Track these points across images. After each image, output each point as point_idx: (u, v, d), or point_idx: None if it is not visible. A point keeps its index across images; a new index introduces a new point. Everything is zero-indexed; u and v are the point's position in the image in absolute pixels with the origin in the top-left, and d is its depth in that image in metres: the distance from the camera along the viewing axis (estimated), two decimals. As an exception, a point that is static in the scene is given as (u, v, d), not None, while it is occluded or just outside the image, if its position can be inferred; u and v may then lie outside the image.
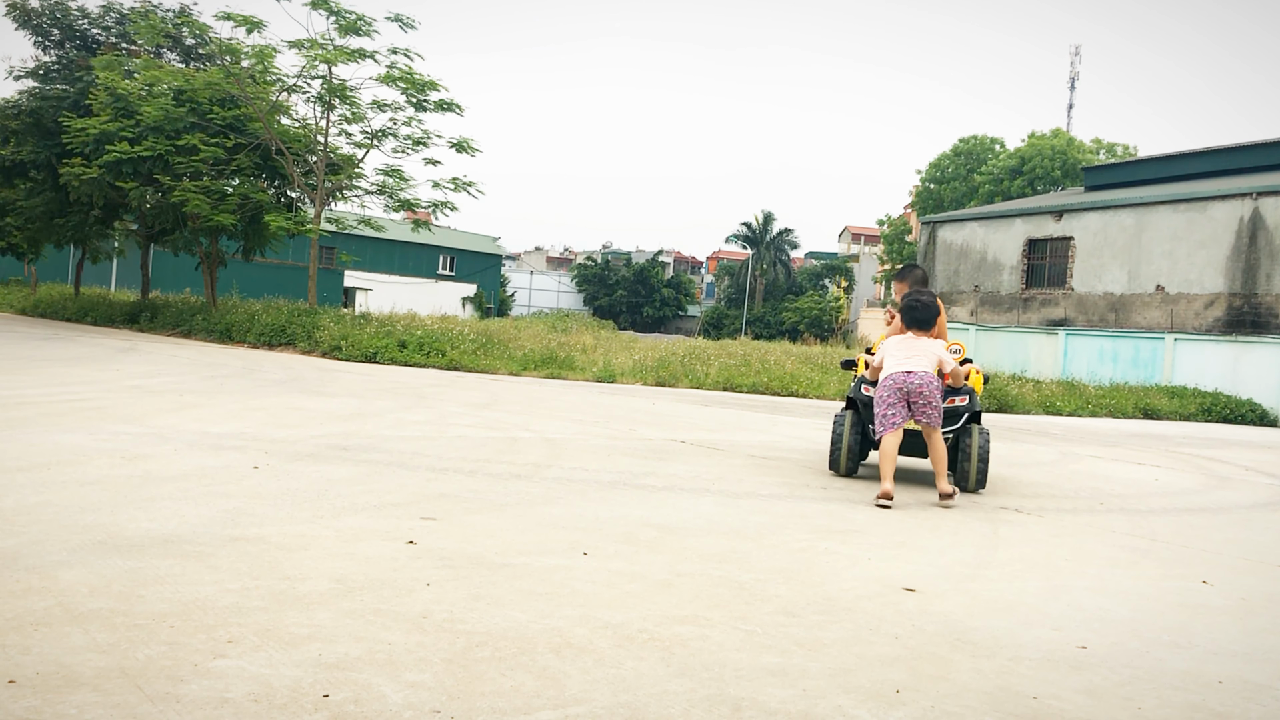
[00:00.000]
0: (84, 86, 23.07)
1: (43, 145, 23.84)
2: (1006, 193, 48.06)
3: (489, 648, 2.92)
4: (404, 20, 21.08)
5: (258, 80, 21.56)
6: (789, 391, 17.94)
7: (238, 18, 20.61)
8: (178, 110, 20.85)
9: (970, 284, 31.76)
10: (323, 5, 20.53)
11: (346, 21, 20.76)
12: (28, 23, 24.50)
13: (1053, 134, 50.39)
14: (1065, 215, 29.16)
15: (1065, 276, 29.07)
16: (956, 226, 32.75)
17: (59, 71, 24.84)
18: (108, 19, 25.10)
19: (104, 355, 14.40)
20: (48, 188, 24.73)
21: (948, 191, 52.62)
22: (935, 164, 54.11)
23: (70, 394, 8.81)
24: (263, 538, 4.02)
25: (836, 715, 2.61)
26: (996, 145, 53.14)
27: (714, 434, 9.68)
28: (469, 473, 6.13)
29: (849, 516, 5.64)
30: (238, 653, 2.71)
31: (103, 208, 23.97)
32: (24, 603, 3.00)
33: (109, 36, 25.11)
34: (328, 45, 20.99)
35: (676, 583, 3.83)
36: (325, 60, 20.84)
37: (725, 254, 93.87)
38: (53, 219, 25.66)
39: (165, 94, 21.35)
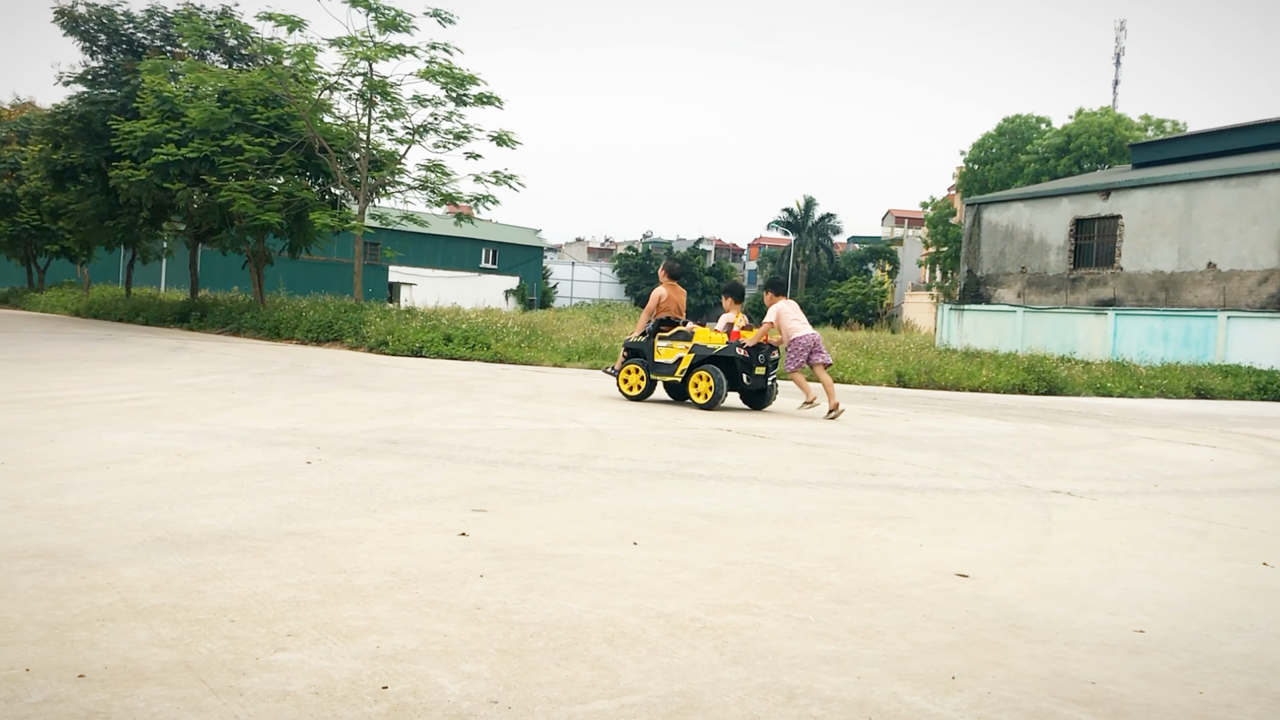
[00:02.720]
0: (131, 90, 23.42)
1: (92, 149, 24.25)
2: (1052, 172, 47.40)
3: (543, 638, 2.94)
4: (443, 15, 21.17)
5: (300, 79, 21.76)
6: (834, 378, 17.84)
7: (279, 17, 20.81)
8: (222, 111, 21.09)
9: (1016, 265, 31.38)
10: (362, 2, 20.67)
11: (386, 18, 20.89)
12: (76, 29, 24.89)
13: (1101, 111, 49.60)
14: (1113, 194, 28.71)
15: (1113, 256, 28.64)
16: (1001, 207, 32.36)
17: (106, 76, 25.23)
18: (152, 23, 25.44)
19: (155, 354, 14.64)
20: (98, 191, 25.14)
21: (992, 172, 51.99)
22: (979, 144, 53.47)
23: (124, 393, 8.97)
24: (317, 532, 4.08)
25: (892, 702, 2.60)
26: (1042, 124, 52.41)
27: (759, 422, 9.66)
28: (517, 464, 6.17)
29: (899, 503, 5.61)
30: (297, 646, 2.76)
31: (151, 209, 24.34)
32: (89, 599, 3.07)
33: (154, 40, 25.46)
34: (368, 42, 21.14)
35: (727, 571, 3.83)
36: (366, 57, 20.99)
37: (767, 240, 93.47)
38: (103, 221, 26.09)
39: (210, 95, 21.61)
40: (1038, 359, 21.16)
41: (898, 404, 13.25)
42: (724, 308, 11.68)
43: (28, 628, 2.78)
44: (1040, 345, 27.78)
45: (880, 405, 12.80)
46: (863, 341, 23.85)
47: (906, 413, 11.83)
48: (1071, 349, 27.64)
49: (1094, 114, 49.34)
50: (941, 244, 55.58)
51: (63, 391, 8.86)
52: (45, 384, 9.46)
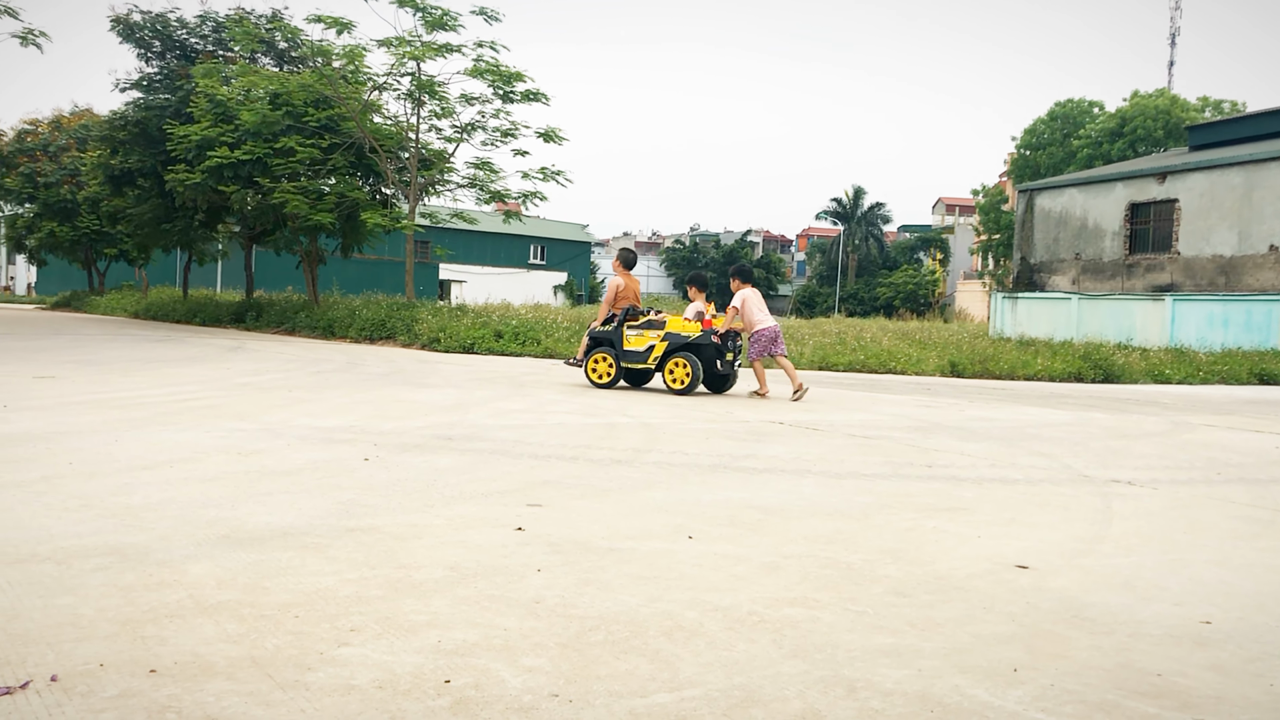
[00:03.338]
0: (185, 95, 23.82)
1: (149, 154, 24.71)
2: (1106, 156, 46.60)
3: (601, 632, 2.96)
4: (489, 13, 21.28)
5: (349, 80, 22.00)
6: (887, 369, 17.71)
7: (328, 19, 21.04)
8: (274, 114, 21.39)
9: (1070, 252, 30.92)
10: (409, 3, 20.84)
11: (433, 17, 21.04)
12: (131, 36, 25.36)
13: (1156, 93, 48.65)
14: (1169, 177, 28.17)
15: (1170, 240, 28.11)
16: (1054, 193, 31.88)
17: (161, 81, 25.67)
18: (204, 28, 25.85)
19: (214, 355, 14.90)
20: (155, 194, 25.63)
21: (1044, 158, 51.22)
22: (1030, 130, 52.71)
23: (185, 393, 9.14)
24: (377, 528, 4.13)
25: (954, 695, 2.58)
26: (1095, 108, 51.53)
27: (812, 414, 9.61)
28: (570, 459, 6.20)
29: (955, 494, 5.56)
30: (360, 641, 2.80)
31: (206, 211, 24.76)
32: (158, 596, 3.13)
33: (206, 45, 25.87)
34: (415, 42, 21.31)
35: (783, 565, 3.83)
36: (413, 57, 21.16)
37: (815, 231, 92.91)
38: (160, 224, 26.58)
39: (261, 98, 21.92)
40: (1094, 346, 20.85)
41: (952, 394, 13.12)
42: (690, 297, 12.21)
43: (100, 624, 2.85)
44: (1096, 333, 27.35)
45: (934, 396, 12.68)
46: (915, 331, 23.64)
47: (961, 403, 11.72)
48: (1128, 336, 27.18)
49: (1149, 96, 48.41)
50: (994, 231, 54.90)
51: (126, 392, 9.04)
52: (109, 385, 9.66)
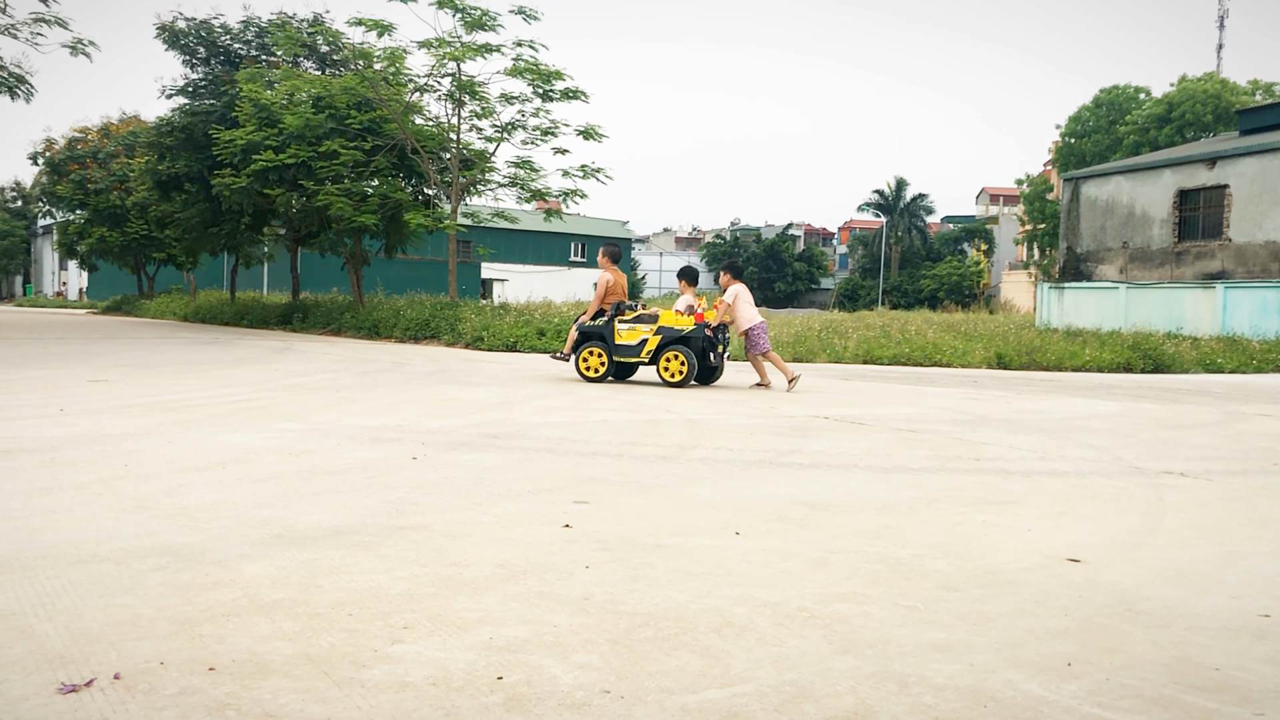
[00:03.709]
0: (229, 100, 24.14)
1: (195, 159, 25.07)
2: (1154, 143, 45.88)
3: (651, 628, 2.97)
4: (527, 12, 21.35)
5: (391, 82, 22.17)
6: (932, 362, 17.58)
7: (368, 22, 21.22)
8: (317, 117, 21.62)
9: (1118, 240, 30.49)
10: (449, 4, 20.96)
11: (472, 18, 21.16)
12: (176, 43, 25.74)
13: (1204, 77, 47.80)
14: (1219, 162, 27.69)
15: (1221, 227, 27.63)
16: (1100, 181, 31.44)
17: (206, 87, 26.04)
18: (248, 33, 26.18)
19: (262, 356, 15.09)
20: (201, 199, 26.00)
21: (1089, 145, 50.54)
22: (1075, 118, 52.03)
23: (235, 394, 9.27)
24: (426, 526, 4.17)
25: (1007, 690, 2.57)
26: (1141, 94, 50.75)
27: (857, 408, 9.57)
28: (615, 456, 6.22)
29: (1005, 488, 5.52)
30: (413, 638, 2.83)
31: (252, 215, 25.09)
32: (214, 595, 3.19)
33: (250, 50, 26.19)
34: (455, 43, 21.44)
35: (831, 560, 3.82)
36: (453, 58, 21.29)
37: (857, 223, 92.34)
38: (207, 228, 26.97)
39: (305, 102, 22.17)
40: (1143, 336, 20.57)
41: (999, 386, 13.00)
42: (679, 290, 12.45)
43: (159, 623, 2.90)
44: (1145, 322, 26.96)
45: (980, 388, 12.57)
46: (960, 323, 23.43)
47: (1008, 395, 11.60)
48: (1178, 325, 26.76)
49: (1197, 81, 47.59)
50: (1039, 221, 54.28)
51: (178, 394, 9.19)
52: (161, 388, 9.82)
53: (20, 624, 2.86)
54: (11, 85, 21.96)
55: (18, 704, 2.33)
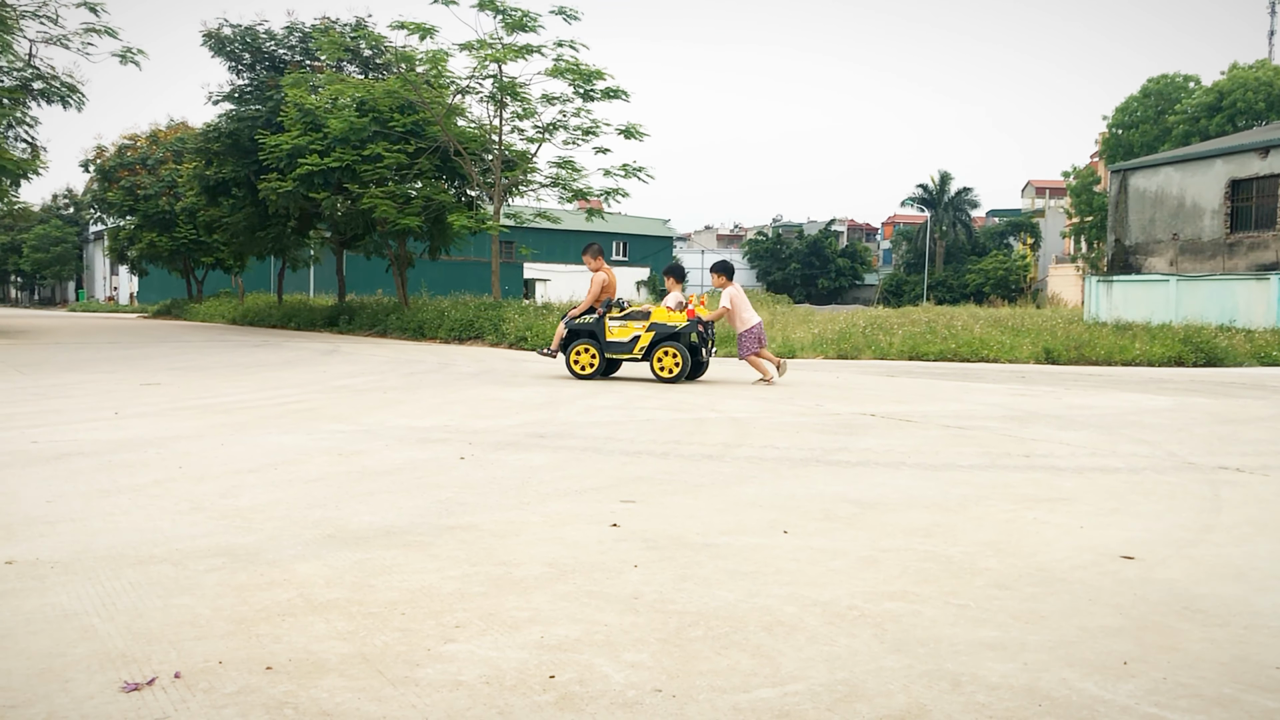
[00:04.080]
0: (275, 105, 24.45)
1: (242, 164, 25.43)
2: (1204, 133, 45.08)
3: (701, 627, 2.97)
4: (568, 12, 21.42)
5: (433, 85, 22.33)
6: (979, 357, 17.41)
7: (410, 25, 21.38)
8: (361, 120, 21.82)
9: (1167, 232, 30.01)
10: (490, 6, 21.07)
11: (513, 19, 21.25)
12: (222, 49, 26.10)
13: (1256, 65, 46.88)
14: (1272, 151, 27.17)
15: (1275, 217, 27.11)
16: (1149, 173, 30.97)
17: (252, 93, 26.39)
18: (292, 38, 26.49)
19: (310, 358, 15.27)
20: (248, 203, 26.36)
21: (1137, 136, 49.76)
22: (1122, 108, 51.25)
23: (284, 396, 9.39)
24: (476, 525, 4.21)
25: (1062, 689, 2.54)
26: (1190, 83, 49.87)
27: (904, 405, 9.50)
28: (661, 455, 6.22)
29: (1055, 484, 5.46)
30: (465, 637, 2.86)
31: (298, 218, 25.40)
32: (269, 595, 3.23)
33: (294, 55, 26.51)
34: (496, 44, 21.55)
35: (881, 559, 3.80)
36: (495, 59, 21.40)
37: (901, 218, 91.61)
38: (254, 232, 27.34)
39: (348, 106, 22.39)
40: (1194, 329, 20.22)
41: (1047, 381, 12.85)
42: (667, 287, 12.37)
43: (216, 623, 2.95)
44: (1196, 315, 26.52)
45: (1029, 384, 12.44)
46: (1007, 318, 23.18)
47: (1057, 390, 11.47)
48: (1231, 317, 26.30)
49: (1248, 69, 46.69)
50: (1086, 214, 53.52)
51: (228, 397, 9.32)
52: (213, 390, 9.97)
53: (83, 624, 2.93)
54: (64, 95, 22.38)
55: (83, 702, 2.39)
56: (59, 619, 2.97)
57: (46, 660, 2.64)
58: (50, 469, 5.39)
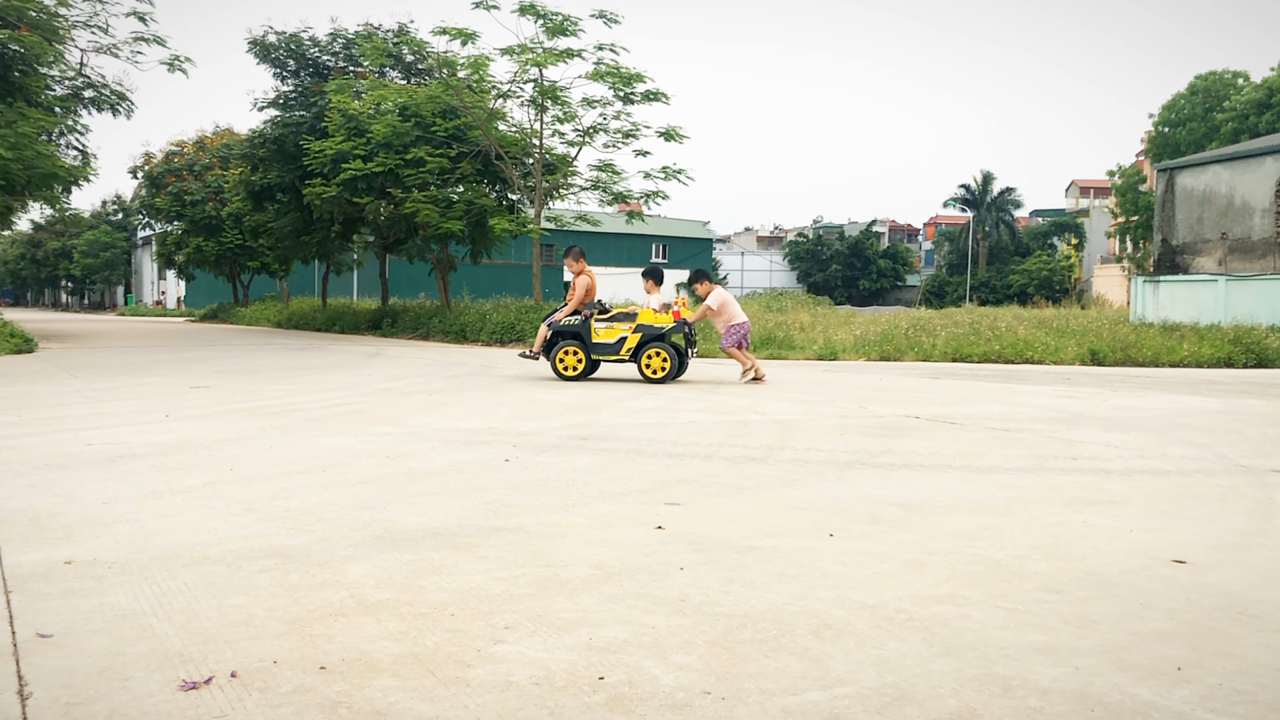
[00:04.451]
0: (319, 111, 24.72)
1: (287, 169, 25.73)
2: (1253, 130, 44.33)
3: (748, 630, 2.98)
4: (608, 16, 21.45)
5: (474, 89, 22.46)
6: (1023, 359, 17.25)
7: (452, 31, 21.52)
8: (403, 125, 22.00)
9: (1215, 232, 29.54)
10: (531, 10, 21.16)
11: (554, 24, 21.33)
12: (267, 56, 26.43)
13: (1306, 60, 46.01)
14: (1324, 148, 26.68)
15: (1328, 215, 26.60)
16: (1197, 171, 30.51)
17: (296, 99, 26.69)
18: (335, 45, 26.76)
19: (355, 361, 15.42)
20: (293, 208, 26.66)
21: (1184, 134, 49.04)
22: (1169, 106, 50.52)
23: (331, 399, 9.50)
24: (522, 527, 4.24)
25: (1115, 694, 2.52)
26: (1239, 79, 49.06)
27: (949, 407, 9.44)
28: (704, 457, 6.23)
29: (1104, 487, 5.40)
30: (515, 638, 2.88)
31: (342, 223, 25.65)
32: (321, 595, 3.28)
33: (337, 61, 26.78)
34: (537, 49, 21.63)
35: (928, 562, 3.78)
36: (536, 64, 21.49)
37: (943, 219, 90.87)
38: (299, 237, 27.64)
39: (391, 111, 22.57)
40: (1244, 330, 19.89)
41: (1093, 383, 12.70)
42: (645, 290, 12.55)
43: (270, 623, 3.00)
44: (1246, 315, 26.09)
45: (1075, 385, 12.30)
46: (1051, 319, 22.93)
47: (1104, 392, 11.34)
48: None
49: (1299, 64, 45.82)
50: (1131, 213, 52.83)
51: (276, 399, 9.44)
52: (261, 393, 10.10)
53: (142, 623, 2.98)
54: (114, 103, 22.74)
55: (143, 699, 2.44)
56: (118, 618, 3.03)
57: (107, 658, 2.70)
58: (105, 471, 5.49)
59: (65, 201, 26.98)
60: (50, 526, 4.18)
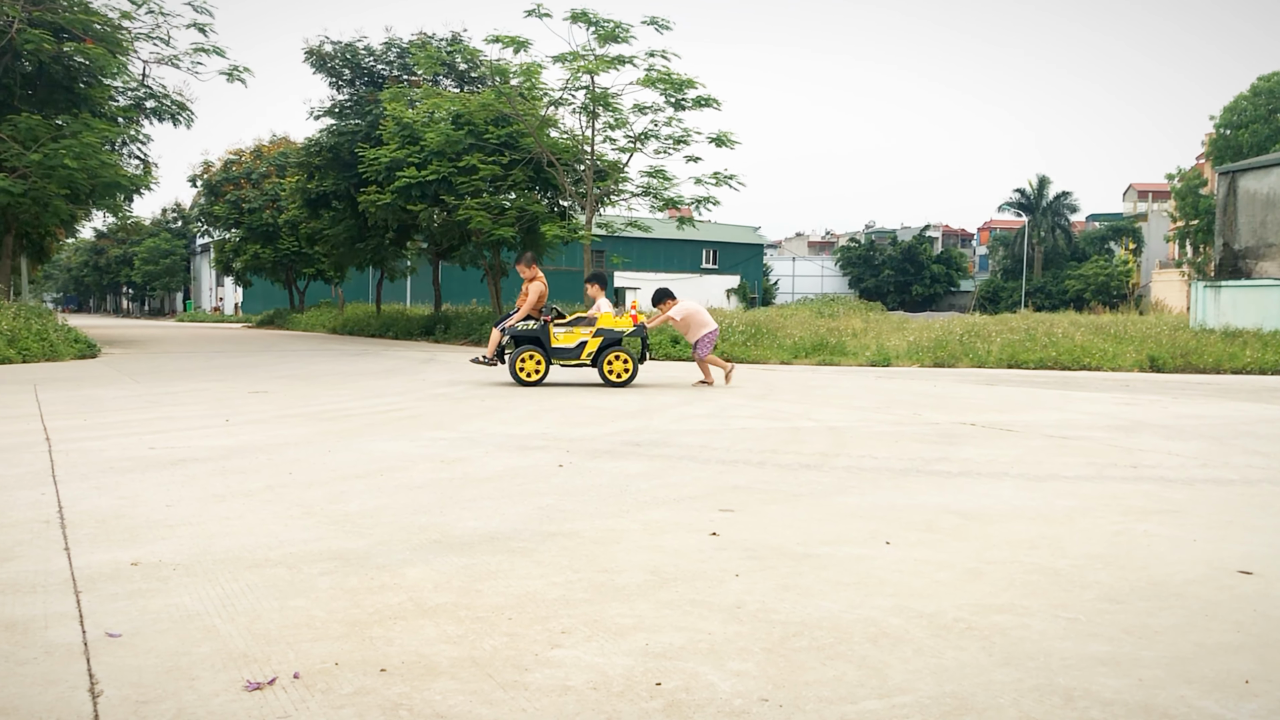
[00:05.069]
0: (374, 119, 25.03)
1: (342, 177, 26.07)
2: (1319, 131, 43.31)
3: (805, 637, 2.97)
4: (659, 22, 21.49)
5: (527, 97, 22.61)
6: (1080, 365, 17.00)
7: (505, 39, 21.68)
8: (457, 133, 22.21)
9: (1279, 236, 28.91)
10: (583, 18, 21.27)
11: (605, 31, 21.41)
12: (323, 66, 26.82)
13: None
14: (1393, 150, 26.00)
15: (1397, 219, 25.94)
16: (1260, 174, 29.88)
17: (351, 107, 27.05)
18: (390, 54, 27.09)
19: (409, 367, 15.57)
20: (348, 216, 27.01)
21: (1247, 136, 48.01)
22: (1231, 108, 49.52)
23: (386, 404, 9.60)
24: (577, 532, 4.26)
25: (1180, 706, 2.48)
26: (1303, 80, 47.97)
27: (1004, 415, 9.33)
28: (758, 464, 6.21)
29: (1165, 496, 5.31)
30: (572, 643, 2.90)
31: (396, 230, 25.93)
32: (380, 598, 3.32)
33: (392, 70, 27.10)
34: (589, 56, 21.72)
35: (986, 571, 3.74)
36: (587, 70, 21.58)
37: (997, 223, 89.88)
38: (354, 244, 27.99)
39: (444, 119, 22.80)
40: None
41: (1153, 390, 12.49)
42: (590, 295, 12.77)
43: (331, 625, 3.04)
44: (1313, 321, 25.48)
45: (1133, 392, 12.10)
46: (1109, 325, 22.57)
47: (1164, 399, 11.14)
48: (1350, 323, 25.22)
49: (1366, 63, 44.73)
50: (1191, 217, 51.83)
51: (333, 405, 9.57)
52: (317, 398, 10.24)
53: (206, 624, 3.04)
54: (174, 113, 23.21)
55: (209, 699, 2.48)
56: (183, 619, 3.09)
57: (173, 659, 2.75)
58: (168, 474, 5.60)
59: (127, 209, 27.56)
60: (116, 528, 4.28)
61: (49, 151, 18.99)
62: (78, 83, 21.46)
